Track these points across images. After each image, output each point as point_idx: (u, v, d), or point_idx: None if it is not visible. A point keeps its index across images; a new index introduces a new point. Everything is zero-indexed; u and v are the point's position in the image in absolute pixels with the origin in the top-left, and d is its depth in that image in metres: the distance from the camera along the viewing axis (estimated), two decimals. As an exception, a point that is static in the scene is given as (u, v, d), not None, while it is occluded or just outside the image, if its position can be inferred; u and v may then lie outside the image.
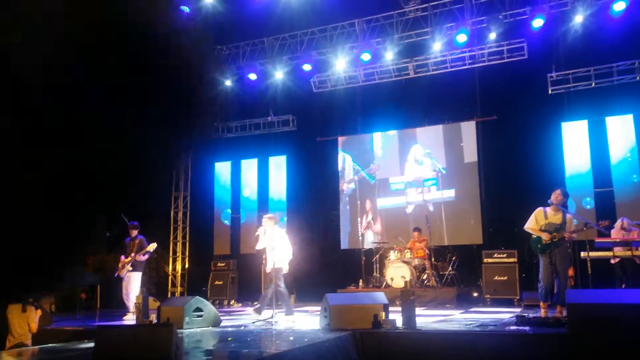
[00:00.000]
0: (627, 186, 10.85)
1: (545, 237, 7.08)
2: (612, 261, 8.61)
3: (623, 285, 8.50)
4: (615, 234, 8.82)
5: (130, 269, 9.05)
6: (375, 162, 13.46)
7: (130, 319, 8.62)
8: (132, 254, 9.02)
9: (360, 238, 12.89)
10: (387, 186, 13.24)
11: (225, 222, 14.38)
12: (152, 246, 9.05)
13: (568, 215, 7.23)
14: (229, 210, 14.46)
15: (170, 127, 14.36)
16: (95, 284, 11.57)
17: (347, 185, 13.74)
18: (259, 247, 8.59)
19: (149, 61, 11.70)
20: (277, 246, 8.32)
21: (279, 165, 14.20)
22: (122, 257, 9.22)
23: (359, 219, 13.44)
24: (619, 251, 8.43)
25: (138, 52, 11.40)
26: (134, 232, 9.27)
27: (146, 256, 9.13)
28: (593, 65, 11.46)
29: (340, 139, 13.93)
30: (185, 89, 13.24)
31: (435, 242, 11.89)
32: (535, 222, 7.26)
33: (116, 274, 9.30)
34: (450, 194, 12.54)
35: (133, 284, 9.04)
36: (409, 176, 13.02)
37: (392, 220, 13.05)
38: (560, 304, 6.91)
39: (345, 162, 13.82)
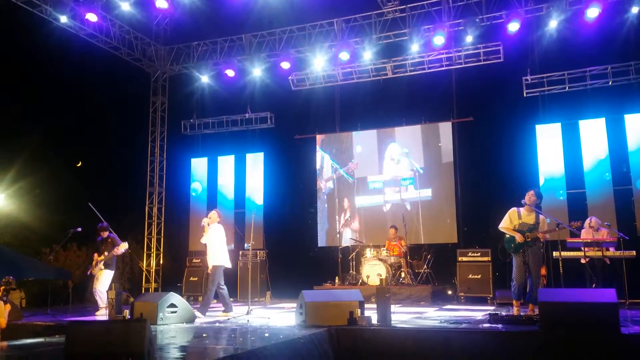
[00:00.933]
0: (599, 187, 11.07)
1: (518, 237, 7.19)
2: (583, 261, 8.78)
3: (593, 285, 8.68)
4: (585, 233, 8.99)
5: (103, 267, 8.92)
6: (353, 161, 13.50)
7: (102, 315, 8.50)
8: (105, 253, 8.91)
9: (337, 236, 12.93)
10: (365, 185, 13.29)
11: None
12: (124, 246, 8.93)
13: (541, 216, 7.35)
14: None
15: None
16: (67, 279, 11.37)
17: (325, 184, 13.76)
18: (203, 240, 8.55)
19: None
20: (217, 243, 8.33)
21: (256, 162, 14.15)
22: (96, 254, 9.10)
23: (337, 217, 13.47)
24: (589, 251, 8.59)
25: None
26: (105, 234, 9.14)
27: (120, 252, 8.99)
28: (567, 70, 11.67)
29: (319, 137, 13.94)
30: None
31: (411, 240, 11.99)
32: (509, 222, 7.37)
33: (89, 272, 9.18)
34: (427, 193, 12.65)
35: (103, 281, 8.92)
36: (386, 175, 13.09)
37: (370, 218, 13.11)
38: (533, 302, 7.02)
39: (323, 160, 13.83)
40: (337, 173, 13.63)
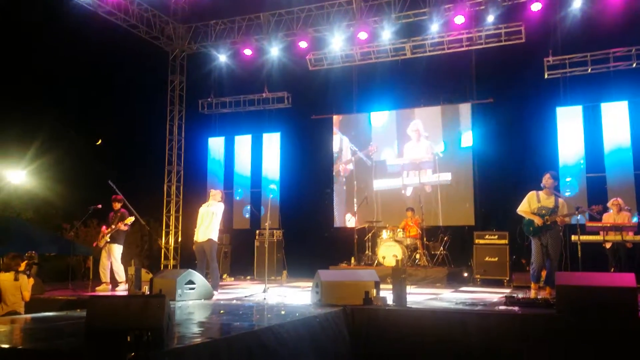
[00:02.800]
0: (619, 171, 10.92)
1: (537, 220, 7.12)
2: (607, 245, 8.69)
3: (612, 269, 8.60)
4: (607, 217, 8.86)
5: (109, 239, 9.00)
6: (372, 143, 13.42)
7: (122, 290, 8.65)
8: (112, 226, 9.01)
9: (354, 217, 12.93)
10: (384, 167, 13.22)
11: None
12: (130, 220, 9.01)
13: (560, 199, 7.27)
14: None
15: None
16: (87, 254, 11.58)
17: (344, 167, 13.71)
18: (207, 206, 8.63)
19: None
20: (217, 220, 8.43)
21: (272, 142, 14.16)
22: (104, 227, 9.21)
23: (354, 199, 13.45)
24: (609, 235, 8.50)
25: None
26: (117, 205, 9.19)
27: (125, 227, 9.06)
28: (590, 51, 11.45)
29: (336, 118, 13.88)
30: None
31: (429, 222, 11.95)
32: (528, 205, 7.30)
33: (95, 244, 9.35)
34: (446, 177, 12.55)
35: (111, 255, 9.02)
36: (406, 158, 13.00)
37: (388, 201, 13.07)
38: (550, 285, 6.97)
39: (342, 143, 13.77)
40: (356, 156, 13.58)
